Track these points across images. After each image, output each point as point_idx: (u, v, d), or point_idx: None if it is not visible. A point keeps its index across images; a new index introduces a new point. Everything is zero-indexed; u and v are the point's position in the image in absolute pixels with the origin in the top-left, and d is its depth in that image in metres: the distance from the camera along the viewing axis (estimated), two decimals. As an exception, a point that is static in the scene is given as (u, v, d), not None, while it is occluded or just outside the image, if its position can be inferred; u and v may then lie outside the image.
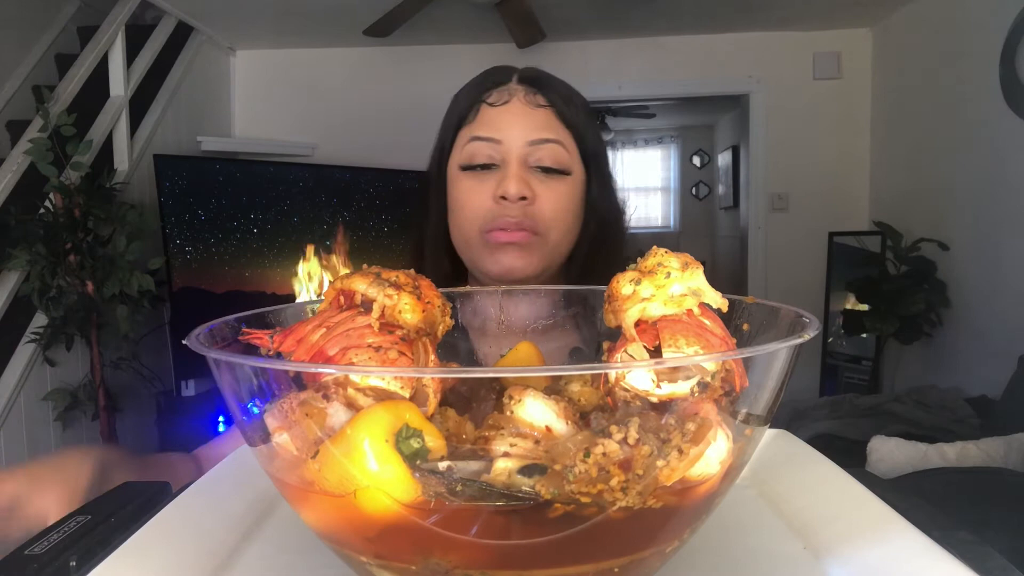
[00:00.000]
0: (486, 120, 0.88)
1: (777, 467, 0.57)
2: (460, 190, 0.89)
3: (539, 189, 0.86)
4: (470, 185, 0.88)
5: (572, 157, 0.88)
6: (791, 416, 2.95)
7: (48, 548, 0.41)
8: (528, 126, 0.87)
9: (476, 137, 0.87)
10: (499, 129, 0.87)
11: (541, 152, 0.86)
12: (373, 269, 0.44)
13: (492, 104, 0.88)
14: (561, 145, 0.87)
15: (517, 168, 0.85)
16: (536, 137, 0.86)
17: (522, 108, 0.88)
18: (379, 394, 0.36)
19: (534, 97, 0.88)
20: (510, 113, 0.87)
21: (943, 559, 0.41)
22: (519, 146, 0.86)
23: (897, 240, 3.41)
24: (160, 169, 3.10)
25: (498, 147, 0.86)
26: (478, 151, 0.87)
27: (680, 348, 0.38)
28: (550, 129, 0.87)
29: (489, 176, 0.87)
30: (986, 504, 1.40)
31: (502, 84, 0.90)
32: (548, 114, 0.88)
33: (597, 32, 3.99)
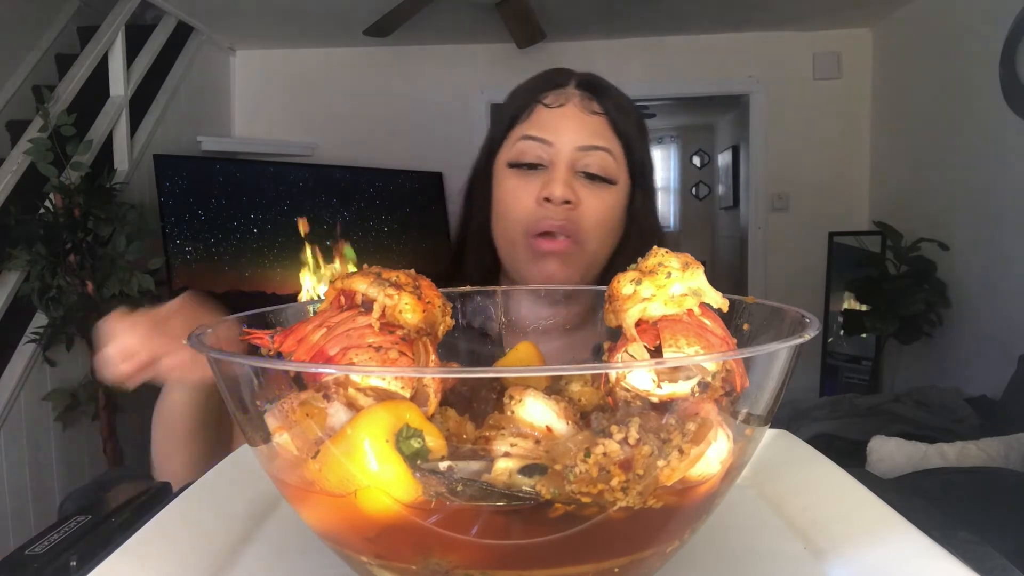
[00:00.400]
0: (540, 120, 0.88)
1: (777, 467, 0.57)
2: (505, 188, 0.89)
3: (583, 195, 0.86)
4: (516, 183, 0.88)
5: (619, 167, 0.89)
6: (791, 416, 2.95)
7: (48, 548, 0.41)
8: (580, 131, 0.87)
9: (528, 136, 0.88)
10: (551, 131, 0.87)
11: (589, 158, 0.87)
12: (374, 269, 0.44)
13: (548, 105, 0.89)
14: (610, 154, 0.88)
15: (564, 172, 0.86)
16: (586, 143, 0.87)
17: (576, 113, 0.88)
18: (380, 394, 0.36)
19: (590, 103, 0.89)
20: (564, 116, 0.88)
21: (943, 559, 0.41)
22: (569, 150, 0.86)
23: (897, 240, 3.41)
24: (160, 169, 3.10)
25: (548, 148, 0.87)
26: (528, 150, 0.88)
27: (681, 348, 0.38)
28: (601, 137, 0.88)
29: (535, 176, 0.87)
30: (986, 504, 1.40)
31: (560, 87, 0.91)
32: (601, 122, 0.88)
33: (597, 32, 3.99)
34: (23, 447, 2.54)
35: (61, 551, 0.41)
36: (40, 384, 2.63)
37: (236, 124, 4.21)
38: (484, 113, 4.20)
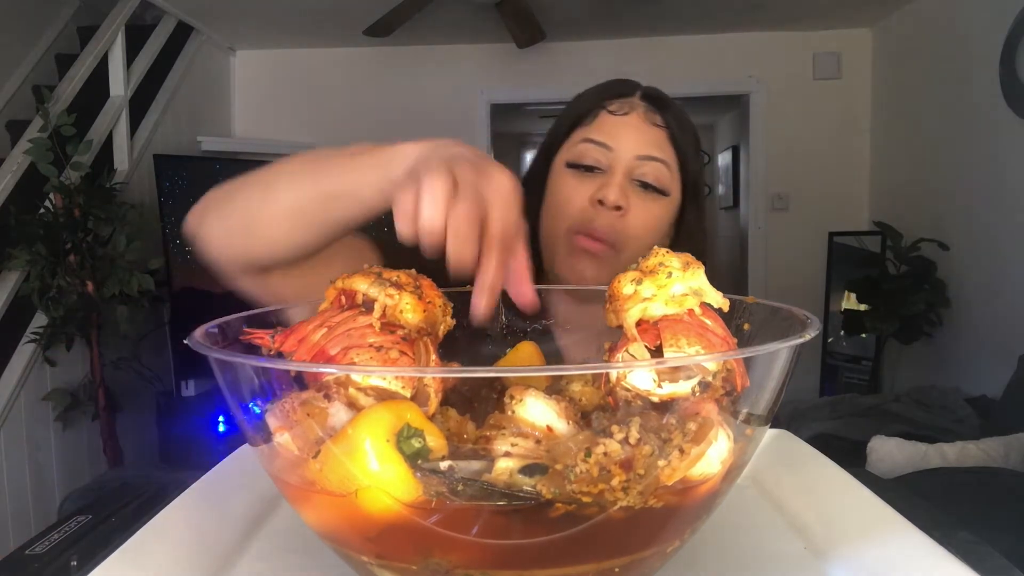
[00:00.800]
0: (603, 126, 0.91)
1: (777, 467, 0.57)
2: (561, 185, 0.92)
3: (634, 202, 0.88)
4: (572, 183, 0.90)
5: (673, 180, 0.91)
6: (791, 416, 2.95)
7: (49, 548, 0.41)
8: (641, 141, 0.90)
9: (589, 139, 0.90)
10: (613, 137, 0.90)
11: (646, 168, 0.89)
12: (374, 269, 0.44)
13: (612, 112, 0.91)
14: (666, 166, 0.90)
15: (620, 177, 0.88)
16: (645, 153, 0.89)
17: (640, 123, 0.91)
18: (380, 394, 0.36)
19: (653, 115, 0.91)
20: (627, 125, 0.90)
21: (943, 559, 0.41)
22: (628, 157, 0.89)
23: (897, 240, 3.41)
24: (160, 169, 3.10)
25: (608, 153, 0.89)
26: (588, 152, 0.90)
27: (681, 348, 0.38)
28: (660, 148, 0.90)
29: (592, 179, 0.89)
30: (986, 504, 1.40)
31: (625, 96, 0.93)
32: (662, 135, 0.91)
33: (597, 32, 3.99)
34: (23, 447, 2.54)
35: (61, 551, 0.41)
36: (40, 384, 2.63)
37: (236, 124, 4.21)
38: (484, 113, 4.20)
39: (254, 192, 0.65)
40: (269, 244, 0.65)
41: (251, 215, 0.65)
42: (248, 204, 0.65)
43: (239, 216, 0.66)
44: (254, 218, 0.65)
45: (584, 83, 1.05)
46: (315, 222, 0.62)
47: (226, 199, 0.67)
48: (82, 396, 2.71)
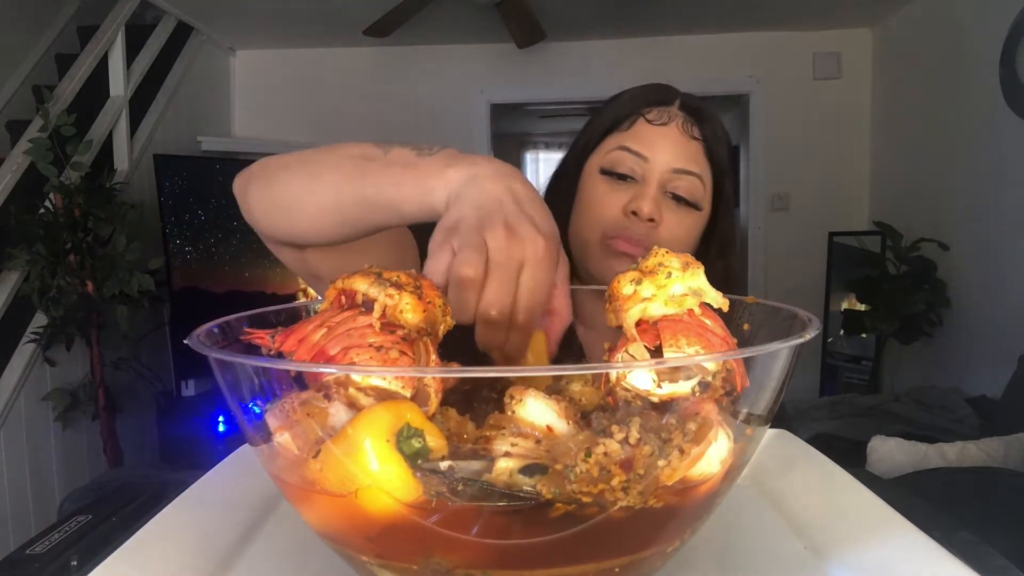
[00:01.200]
0: (640, 135, 0.90)
1: (777, 467, 0.57)
2: (593, 191, 0.91)
3: (667, 215, 0.88)
4: (605, 190, 0.89)
5: (706, 194, 0.91)
6: (791, 416, 2.95)
7: (49, 547, 0.41)
8: (678, 153, 0.89)
9: (625, 147, 0.89)
10: (650, 147, 0.88)
11: (680, 181, 0.88)
12: (374, 269, 0.44)
13: (651, 121, 0.90)
14: (700, 180, 0.89)
15: (655, 190, 0.87)
16: (681, 166, 0.88)
17: (678, 135, 0.89)
18: (380, 394, 0.36)
19: (691, 128, 0.90)
20: (665, 136, 0.89)
21: (943, 559, 0.41)
22: (663, 169, 0.88)
23: (897, 240, 3.41)
24: (160, 169, 3.10)
25: (643, 164, 0.88)
26: (623, 160, 0.89)
27: (681, 348, 0.38)
28: (696, 162, 0.89)
29: (625, 188, 0.88)
30: (986, 504, 1.40)
31: (664, 104, 0.92)
32: (699, 148, 0.90)
33: (597, 32, 3.99)
34: (23, 447, 2.54)
35: (62, 551, 0.41)
36: (40, 384, 2.63)
37: (236, 124, 4.21)
38: (484, 113, 4.20)
39: (298, 179, 0.65)
40: (307, 230, 0.65)
41: (292, 200, 0.65)
42: (289, 188, 0.65)
43: (280, 197, 0.66)
44: (294, 203, 0.65)
45: (584, 83, 1.04)
46: (353, 222, 0.62)
47: (272, 175, 0.67)
48: (82, 396, 2.71)
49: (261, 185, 0.68)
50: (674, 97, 0.93)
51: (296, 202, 0.65)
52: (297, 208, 0.65)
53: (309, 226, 0.65)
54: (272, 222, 0.68)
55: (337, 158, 0.63)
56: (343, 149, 0.64)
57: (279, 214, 0.67)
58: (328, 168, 0.63)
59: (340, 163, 0.63)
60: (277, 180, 0.66)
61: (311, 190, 0.63)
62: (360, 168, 0.61)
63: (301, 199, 0.64)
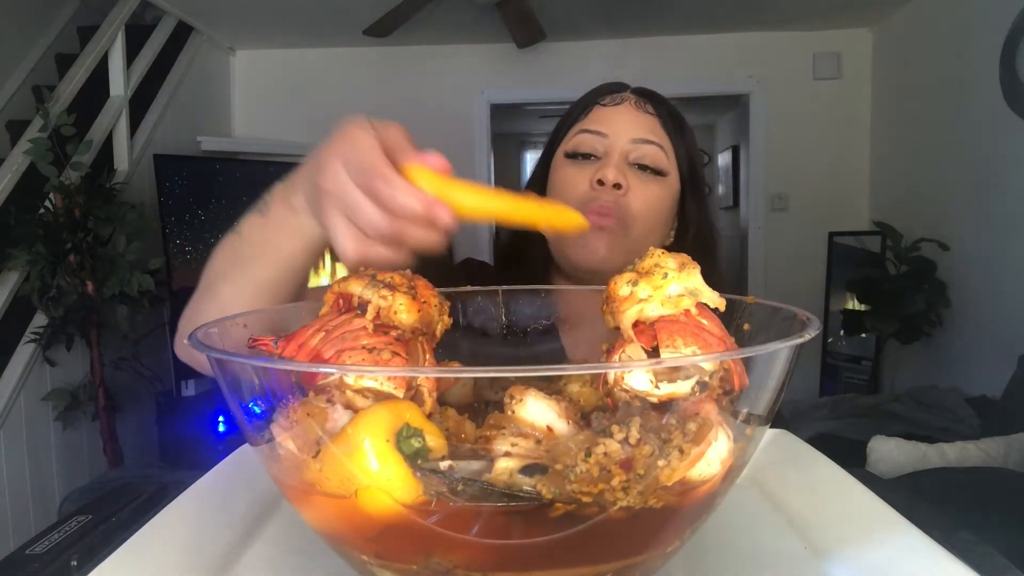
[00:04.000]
0: (596, 117, 0.95)
1: (777, 467, 0.57)
2: (560, 175, 0.95)
3: (633, 182, 0.91)
4: (571, 172, 0.94)
5: (670, 163, 0.94)
6: (791, 416, 2.95)
7: (49, 548, 0.41)
8: (634, 126, 0.93)
9: (584, 130, 0.94)
10: (607, 124, 0.94)
11: (642, 150, 0.92)
12: (369, 271, 0.44)
13: (604, 105, 0.96)
14: (661, 149, 0.93)
15: (617, 159, 0.91)
16: (639, 136, 0.92)
17: (631, 110, 0.95)
18: (375, 395, 0.36)
19: (644, 105, 0.95)
20: (619, 113, 0.95)
21: (943, 559, 0.41)
22: (622, 142, 0.92)
23: (897, 240, 3.41)
24: (160, 169, 3.10)
25: (603, 140, 0.93)
26: (584, 141, 0.94)
27: (678, 348, 0.38)
28: (654, 133, 0.94)
29: (590, 165, 0.93)
30: (986, 504, 1.40)
31: (617, 92, 0.98)
32: (654, 121, 0.95)
33: (597, 32, 3.99)
34: (23, 447, 2.54)
35: (61, 551, 0.41)
36: (40, 384, 2.63)
37: (236, 124, 4.20)
38: (484, 113, 4.20)
39: (206, 303, 0.66)
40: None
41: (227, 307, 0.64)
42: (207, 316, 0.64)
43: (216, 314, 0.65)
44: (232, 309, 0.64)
45: (584, 83, 1.07)
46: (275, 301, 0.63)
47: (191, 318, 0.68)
48: (82, 396, 2.71)
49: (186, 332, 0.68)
50: (625, 87, 0.99)
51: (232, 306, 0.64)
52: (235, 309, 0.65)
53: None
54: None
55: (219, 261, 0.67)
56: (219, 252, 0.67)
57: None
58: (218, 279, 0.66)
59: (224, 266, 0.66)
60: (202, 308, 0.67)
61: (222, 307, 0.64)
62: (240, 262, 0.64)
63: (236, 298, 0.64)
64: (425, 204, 0.44)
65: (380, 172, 0.45)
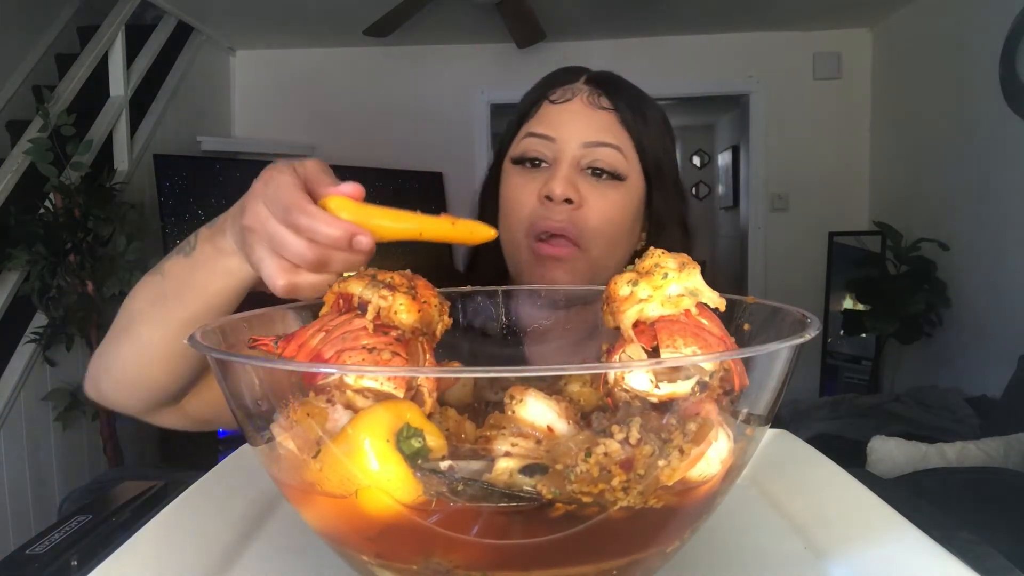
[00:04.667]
0: (545, 117, 0.86)
1: (777, 467, 0.57)
2: (509, 185, 0.87)
3: (587, 193, 0.82)
4: (519, 181, 0.85)
5: (630, 164, 0.85)
6: (791, 416, 2.95)
7: (49, 548, 0.41)
8: (586, 127, 0.84)
9: (532, 133, 0.86)
10: (555, 127, 0.85)
11: (596, 154, 0.83)
12: (369, 271, 0.44)
13: (553, 101, 0.86)
14: (618, 150, 0.83)
15: (567, 169, 0.82)
16: (592, 139, 0.83)
17: (582, 108, 0.85)
18: (375, 395, 0.36)
19: (598, 99, 0.86)
20: (569, 112, 0.85)
21: (943, 559, 0.41)
22: (573, 146, 0.83)
23: (897, 240, 3.41)
24: (160, 169, 3.10)
25: (551, 145, 0.84)
26: (531, 146, 0.85)
27: (678, 348, 0.38)
28: (609, 133, 0.84)
29: (539, 174, 0.84)
30: (986, 504, 1.40)
31: (568, 83, 0.88)
32: (610, 117, 0.85)
33: (597, 32, 3.99)
34: (23, 447, 2.54)
35: (62, 551, 0.41)
36: (40, 384, 2.63)
37: (236, 124, 4.20)
38: (484, 113, 4.20)
39: (122, 344, 0.65)
40: (166, 383, 0.65)
41: (132, 365, 0.65)
42: (125, 358, 0.65)
43: (123, 371, 0.65)
44: (136, 367, 0.65)
45: None
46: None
47: (105, 359, 0.67)
48: (82, 396, 2.71)
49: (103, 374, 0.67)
50: (580, 74, 0.89)
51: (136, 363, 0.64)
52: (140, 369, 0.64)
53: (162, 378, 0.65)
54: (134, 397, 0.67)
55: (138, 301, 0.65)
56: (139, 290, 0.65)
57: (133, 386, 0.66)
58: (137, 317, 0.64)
59: (143, 306, 0.64)
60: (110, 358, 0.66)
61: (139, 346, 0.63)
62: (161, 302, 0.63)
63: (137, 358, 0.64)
64: (344, 231, 0.46)
65: (300, 206, 0.47)
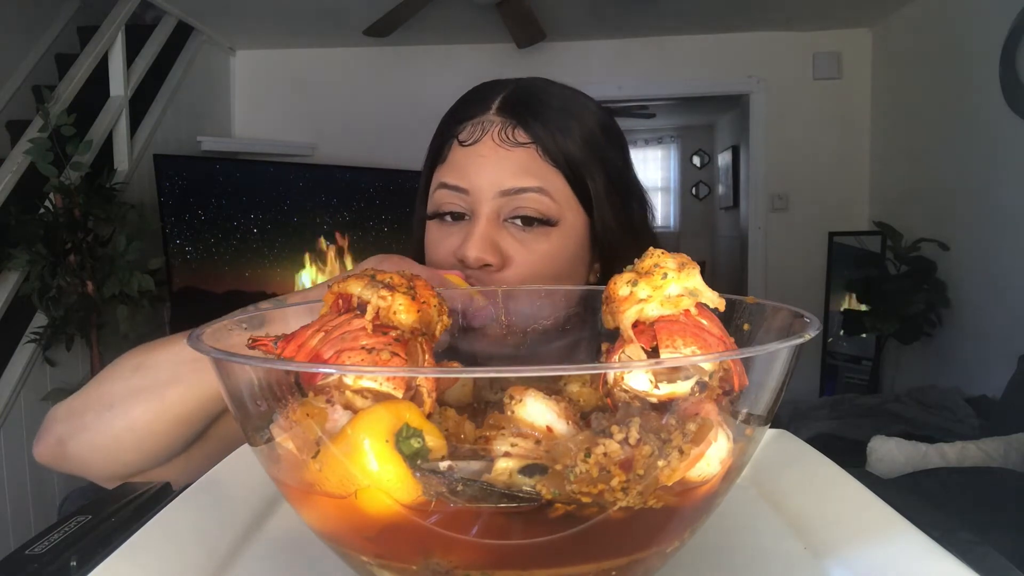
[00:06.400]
0: (454, 163, 0.74)
1: (777, 467, 0.57)
2: (428, 241, 0.76)
3: (513, 250, 0.71)
4: (436, 237, 0.75)
5: (561, 203, 0.73)
6: (791, 416, 2.95)
7: (49, 548, 0.41)
8: (501, 171, 0.71)
9: (443, 184, 0.74)
10: (466, 176, 0.72)
11: (517, 202, 0.71)
12: (368, 271, 0.44)
13: (463, 143, 0.73)
14: (543, 193, 0.71)
15: (484, 226, 0.71)
16: (510, 186, 0.71)
17: (494, 149, 0.72)
18: (374, 395, 0.36)
19: (512, 133, 0.72)
20: (479, 155, 0.72)
21: (943, 559, 0.41)
22: (489, 197, 0.71)
23: (897, 240, 3.41)
24: (160, 169, 3.10)
25: (465, 197, 0.72)
26: (444, 199, 0.74)
27: (678, 349, 0.38)
28: (529, 174, 0.71)
29: (457, 229, 0.74)
30: (986, 504, 1.40)
31: (477, 115, 0.75)
32: (529, 154, 0.72)
33: (597, 32, 3.99)
34: (23, 447, 2.54)
35: (61, 551, 0.41)
36: (40, 384, 2.63)
37: (236, 124, 4.21)
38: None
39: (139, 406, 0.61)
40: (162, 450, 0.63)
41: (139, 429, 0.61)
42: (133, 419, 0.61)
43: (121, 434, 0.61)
44: (143, 431, 0.61)
45: (584, 83, 0.98)
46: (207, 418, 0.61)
47: (97, 419, 0.62)
48: (82, 396, 2.71)
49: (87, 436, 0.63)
50: (491, 101, 0.75)
51: (145, 428, 0.61)
52: (148, 432, 0.61)
53: (165, 446, 0.62)
54: (116, 461, 0.63)
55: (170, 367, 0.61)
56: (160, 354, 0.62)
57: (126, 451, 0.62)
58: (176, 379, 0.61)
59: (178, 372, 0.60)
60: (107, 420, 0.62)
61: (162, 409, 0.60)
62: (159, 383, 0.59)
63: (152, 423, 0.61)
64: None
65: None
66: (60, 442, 0.64)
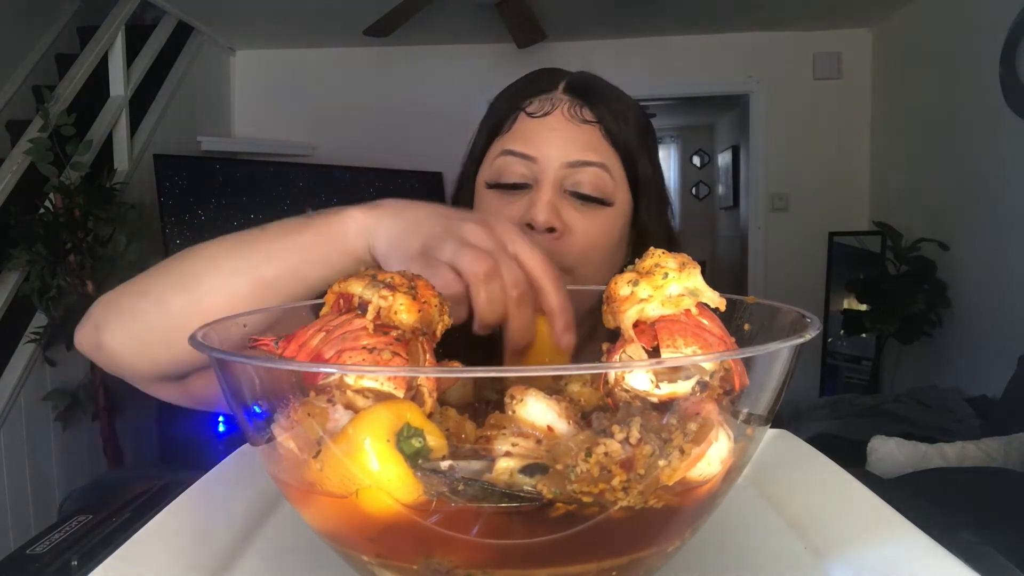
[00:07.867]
0: (522, 132, 0.78)
1: (777, 467, 0.57)
2: (486, 209, 0.78)
3: (572, 219, 0.75)
4: (496, 206, 0.77)
5: (616, 184, 0.77)
6: (791, 416, 2.95)
7: (50, 548, 0.41)
8: (569, 144, 0.76)
9: (508, 151, 0.77)
10: (535, 145, 0.76)
11: (580, 176, 0.75)
12: (369, 271, 0.44)
13: (531, 114, 0.78)
14: (605, 169, 0.76)
15: (551, 193, 0.74)
16: (576, 158, 0.75)
17: (564, 123, 0.77)
18: (375, 395, 0.36)
19: (580, 111, 0.77)
20: (549, 127, 0.77)
21: (944, 559, 0.41)
22: (556, 167, 0.75)
23: (897, 240, 3.41)
24: (160, 169, 3.10)
25: (532, 165, 0.76)
26: (509, 168, 0.77)
27: (678, 348, 0.38)
28: (594, 150, 0.76)
29: (519, 197, 0.76)
30: (986, 504, 1.40)
31: (546, 92, 0.80)
32: (594, 132, 0.77)
33: (597, 32, 3.99)
34: (23, 447, 2.54)
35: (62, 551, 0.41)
36: (40, 384, 2.63)
37: (236, 124, 4.21)
38: (484, 113, 4.20)
39: (172, 293, 0.58)
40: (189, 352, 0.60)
41: (170, 320, 0.58)
42: (166, 308, 0.58)
43: (155, 322, 0.59)
44: (175, 323, 0.57)
45: None
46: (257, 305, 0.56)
47: (131, 307, 0.60)
48: (82, 396, 2.71)
49: (120, 323, 0.61)
50: (557, 81, 0.81)
51: (176, 318, 0.58)
52: (178, 326, 0.56)
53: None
54: (148, 357, 0.61)
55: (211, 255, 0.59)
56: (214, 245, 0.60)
57: (156, 345, 0.60)
58: (208, 268, 0.58)
59: (219, 256, 0.58)
60: (142, 309, 0.60)
61: (193, 299, 0.57)
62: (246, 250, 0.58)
63: (182, 312, 0.57)
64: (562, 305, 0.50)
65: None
66: (96, 328, 0.63)
